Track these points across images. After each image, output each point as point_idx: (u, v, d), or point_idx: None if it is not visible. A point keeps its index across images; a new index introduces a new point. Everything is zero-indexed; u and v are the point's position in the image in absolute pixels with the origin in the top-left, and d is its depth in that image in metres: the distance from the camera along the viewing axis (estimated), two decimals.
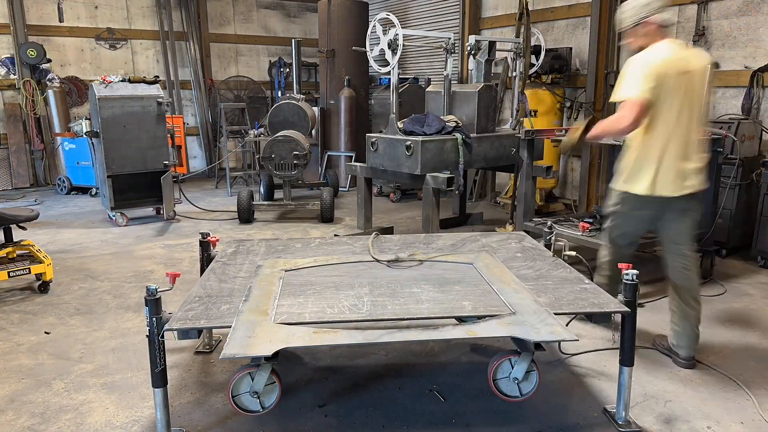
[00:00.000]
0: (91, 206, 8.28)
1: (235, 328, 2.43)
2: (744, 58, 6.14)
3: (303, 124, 7.86)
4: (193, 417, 2.93)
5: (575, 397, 3.12)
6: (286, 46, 11.58)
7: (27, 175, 9.80)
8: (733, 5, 6.19)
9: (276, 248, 3.73)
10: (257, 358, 2.38)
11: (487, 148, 5.98)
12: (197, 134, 11.35)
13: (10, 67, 9.53)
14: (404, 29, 5.51)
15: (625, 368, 2.76)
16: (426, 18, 10.28)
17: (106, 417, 2.94)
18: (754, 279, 5.09)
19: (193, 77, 11.09)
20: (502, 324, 2.47)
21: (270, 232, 6.85)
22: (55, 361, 3.56)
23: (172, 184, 7.38)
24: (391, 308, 2.66)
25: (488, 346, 3.67)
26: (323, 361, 3.53)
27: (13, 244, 4.87)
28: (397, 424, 2.85)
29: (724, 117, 5.93)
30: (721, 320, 4.17)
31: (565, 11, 7.91)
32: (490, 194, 8.90)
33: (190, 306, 2.67)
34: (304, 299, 2.79)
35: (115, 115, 6.77)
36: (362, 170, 6.12)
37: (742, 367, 3.46)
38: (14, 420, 2.93)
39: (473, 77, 6.31)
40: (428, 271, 3.23)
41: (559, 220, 5.47)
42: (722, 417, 2.93)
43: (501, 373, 2.59)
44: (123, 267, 5.46)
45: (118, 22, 10.47)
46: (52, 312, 4.37)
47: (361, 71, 9.79)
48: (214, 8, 11.40)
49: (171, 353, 3.54)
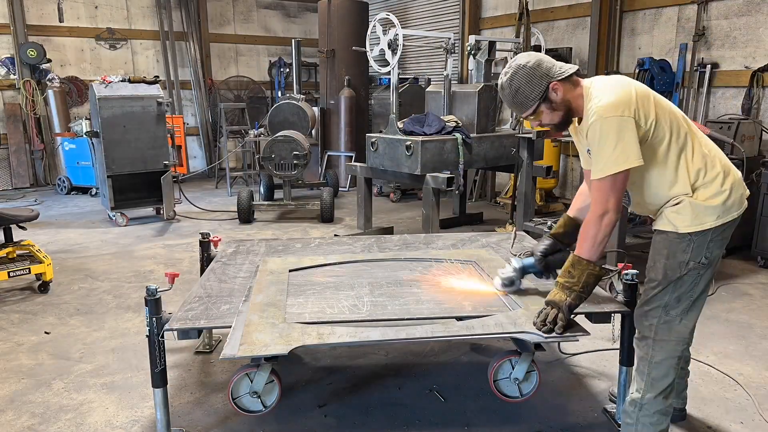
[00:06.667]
0: (91, 206, 8.27)
1: (235, 328, 2.43)
2: (744, 58, 6.15)
3: (303, 124, 7.85)
4: (193, 417, 2.93)
5: (575, 397, 3.12)
6: (286, 46, 11.59)
7: (27, 175, 9.80)
8: (733, 5, 6.19)
9: (276, 248, 3.72)
10: (257, 358, 2.37)
11: (487, 148, 5.98)
12: (197, 134, 11.35)
13: (10, 67, 9.54)
14: (404, 29, 5.52)
15: (625, 368, 2.75)
16: (426, 18, 10.28)
17: (106, 417, 2.94)
18: (754, 279, 5.09)
19: (193, 77, 11.09)
20: (503, 324, 2.47)
21: (270, 232, 6.85)
22: (55, 361, 3.56)
23: (172, 184, 7.38)
24: (391, 308, 2.66)
25: (488, 346, 3.67)
26: (323, 361, 3.53)
27: (13, 244, 4.87)
28: (397, 424, 2.85)
29: (724, 117, 5.93)
30: (721, 320, 4.17)
31: (565, 11, 7.91)
32: (490, 194, 8.90)
33: (190, 306, 2.67)
34: (305, 299, 2.79)
35: (115, 115, 6.77)
36: (362, 170, 6.12)
37: (742, 366, 3.46)
38: (14, 420, 2.93)
39: (473, 77, 6.31)
40: (428, 271, 3.23)
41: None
42: (722, 417, 2.93)
43: (501, 373, 2.59)
44: (123, 267, 5.46)
45: (118, 22, 10.47)
46: (52, 312, 4.37)
47: (361, 71, 9.79)
48: (214, 8, 11.40)
49: (171, 353, 3.53)
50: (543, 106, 2.33)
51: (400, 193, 8.82)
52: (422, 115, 5.85)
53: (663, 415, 2.36)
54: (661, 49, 6.92)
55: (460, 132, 5.66)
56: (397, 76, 5.63)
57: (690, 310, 2.30)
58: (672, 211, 2.28)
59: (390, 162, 5.68)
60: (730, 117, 5.82)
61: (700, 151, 2.28)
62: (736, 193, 2.29)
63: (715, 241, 2.26)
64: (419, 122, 5.69)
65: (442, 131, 5.62)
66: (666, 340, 2.31)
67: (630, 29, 7.25)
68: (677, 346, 2.33)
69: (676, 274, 2.27)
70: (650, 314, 2.34)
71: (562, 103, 2.31)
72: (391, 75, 5.62)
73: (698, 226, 2.23)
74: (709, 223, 2.23)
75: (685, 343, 2.33)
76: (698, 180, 2.26)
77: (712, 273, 2.32)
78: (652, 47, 7.02)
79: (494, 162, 6.15)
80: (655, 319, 2.32)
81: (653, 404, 2.34)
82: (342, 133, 9.68)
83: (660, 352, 2.32)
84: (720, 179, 2.26)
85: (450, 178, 5.20)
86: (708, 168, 2.26)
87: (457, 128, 5.72)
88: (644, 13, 7.07)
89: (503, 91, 2.37)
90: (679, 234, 2.26)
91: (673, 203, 2.28)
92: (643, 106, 2.21)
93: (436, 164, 5.44)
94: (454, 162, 5.58)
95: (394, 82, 5.66)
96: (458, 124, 5.81)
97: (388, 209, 8.19)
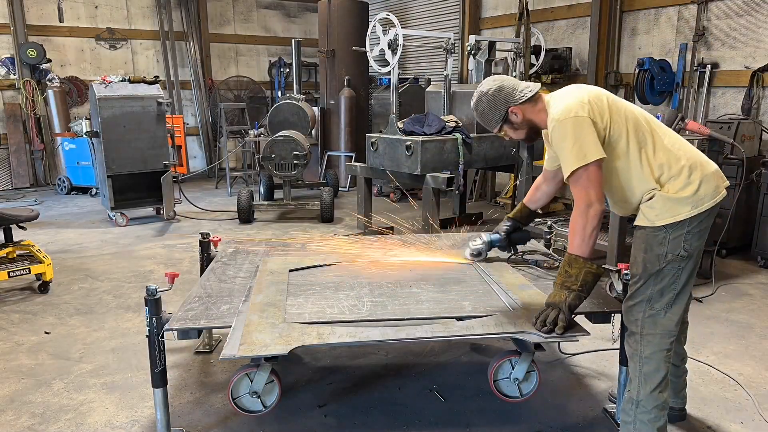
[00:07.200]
0: (91, 206, 8.28)
1: (235, 328, 2.43)
2: (744, 58, 6.15)
3: (303, 124, 7.85)
4: (193, 417, 2.93)
5: (575, 397, 3.12)
6: (286, 46, 11.58)
7: (27, 175, 9.80)
8: (733, 5, 6.19)
9: (276, 248, 3.72)
10: (257, 358, 2.37)
11: (487, 148, 5.98)
12: (197, 134, 11.35)
13: (10, 67, 9.54)
14: (404, 29, 5.51)
15: (625, 368, 2.75)
16: (426, 18, 10.28)
17: (106, 417, 2.94)
18: (754, 279, 5.10)
19: (193, 77, 11.09)
20: (503, 324, 2.47)
21: (270, 232, 6.85)
22: (55, 361, 3.56)
23: (172, 184, 7.38)
24: (391, 308, 2.66)
25: (488, 346, 3.67)
26: (323, 361, 3.53)
27: (13, 244, 4.87)
28: (397, 424, 2.85)
29: (724, 117, 5.93)
30: (721, 320, 4.17)
31: (565, 11, 7.91)
32: (490, 194, 8.90)
33: (190, 306, 2.67)
34: (305, 299, 2.79)
35: (115, 115, 6.77)
36: (362, 170, 6.12)
37: (742, 366, 3.46)
38: (14, 420, 2.93)
39: (473, 77, 6.31)
40: (428, 271, 3.23)
41: (559, 220, 5.48)
42: (722, 417, 2.93)
43: (501, 373, 2.59)
44: (123, 267, 5.46)
45: (118, 22, 10.48)
46: (52, 312, 4.37)
47: (361, 71, 9.79)
48: (214, 8, 11.40)
49: (171, 353, 3.54)
50: (505, 126, 2.58)
51: (400, 193, 8.81)
52: (422, 115, 5.84)
53: (660, 410, 2.38)
54: (661, 49, 6.92)
55: (460, 132, 5.66)
56: (397, 76, 5.63)
57: (674, 303, 2.35)
58: (646, 206, 2.35)
59: (390, 162, 5.68)
60: (730, 117, 5.82)
61: (662, 146, 2.36)
62: (706, 184, 2.33)
63: (692, 233, 2.31)
64: (419, 122, 5.69)
65: (442, 131, 5.61)
66: (652, 333, 2.36)
67: (630, 29, 7.25)
68: (664, 339, 2.36)
69: (655, 267, 2.32)
70: (635, 309, 2.39)
71: (522, 122, 2.54)
72: (391, 75, 5.62)
73: (672, 218, 2.29)
74: (683, 214, 2.29)
75: (672, 336, 2.37)
76: (663, 174, 2.34)
77: (695, 265, 2.37)
78: (652, 47, 7.02)
79: (494, 162, 6.15)
80: (640, 314, 2.37)
81: (649, 400, 2.36)
82: (342, 133, 9.68)
83: (648, 346, 2.36)
84: (686, 172, 2.32)
85: (450, 178, 5.20)
86: (672, 162, 2.34)
87: (457, 128, 5.72)
88: (644, 13, 7.07)
89: (473, 111, 2.65)
90: (654, 227, 2.32)
91: (647, 198, 2.36)
92: (597, 105, 2.34)
93: (436, 164, 5.44)
94: (454, 162, 5.58)
95: (394, 82, 5.65)
96: (458, 124, 5.81)
97: (388, 209, 8.17)
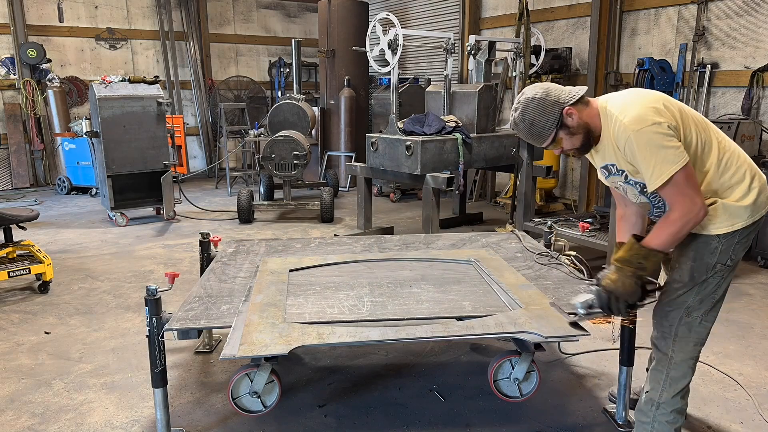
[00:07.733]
0: (91, 206, 8.27)
1: (235, 328, 2.43)
2: (744, 58, 6.15)
3: (303, 124, 7.86)
4: (193, 417, 2.93)
5: (575, 397, 3.12)
6: (286, 46, 11.59)
7: (27, 175, 9.80)
8: (733, 5, 6.19)
9: (276, 248, 3.73)
10: (257, 358, 2.37)
11: (487, 148, 5.98)
12: (197, 134, 11.35)
13: (10, 67, 9.54)
14: (404, 29, 5.51)
15: (625, 368, 2.76)
16: (426, 18, 10.28)
17: (106, 417, 2.94)
18: (754, 279, 5.10)
19: (193, 77, 11.09)
20: (503, 324, 2.47)
21: (270, 232, 6.85)
22: (55, 361, 3.56)
23: (172, 184, 7.38)
24: (391, 308, 2.66)
25: (488, 346, 3.67)
26: (323, 361, 3.53)
27: (13, 244, 4.87)
28: (397, 424, 2.85)
29: (724, 117, 5.93)
30: (721, 320, 4.17)
31: (565, 11, 7.91)
32: (490, 194, 8.90)
33: (190, 306, 2.67)
34: (305, 299, 2.79)
35: (115, 115, 6.77)
36: (362, 170, 6.12)
37: (742, 366, 3.46)
38: (14, 420, 2.93)
39: (473, 77, 6.31)
40: (428, 271, 3.23)
41: (559, 220, 5.47)
42: (722, 417, 2.93)
43: (501, 373, 2.60)
44: (123, 267, 5.46)
45: (118, 22, 10.47)
46: (52, 312, 4.37)
47: (361, 71, 9.79)
48: (214, 8, 11.40)
49: (171, 353, 3.54)
50: (561, 132, 2.30)
51: (400, 193, 8.82)
52: (422, 115, 5.85)
53: (679, 413, 2.39)
54: (661, 49, 6.92)
55: (460, 132, 5.66)
56: (397, 76, 5.63)
57: (710, 312, 2.31)
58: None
59: (390, 162, 5.68)
60: (730, 117, 5.82)
61: (726, 152, 2.25)
62: (764, 192, 2.26)
63: (741, 243, 2.26)
64: (419, 122, 5.70)
65: (442, 131, 5.62)
66: (686, 339, 2.32)
67: (630, 29, 7.25)
68: (696, 347, 2.34)
69: (703, 276, 2.26)
70: (671, 315, 2.34)
71: (579, 125, 2.28)
72: (391, 75, 5.62)
73: (729, 227, 2.22)
74: (740, 223, 2.22)
75: (703, 344, 2.35)
76: (726, 181, 2.23)
77: (732, 275, 2.31)
78: (652, 47, 7.02)
79: (494, 162, 6.15)
80: (676, 320, 2.32)
81: (670, 403, 2.36)
82: (342, 133, 9.68)
83: (679, 353, 2.33)
84: (748, 179, 2.23)
85: (450, 178, 5.20)
86: (735, 169, 2.24)
87: (457, 128, 5.72)
88: (644, 13, 7.07)
89: (517, 126, 2.34)
90: (709, 235, 2.24)
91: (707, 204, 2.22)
92: (670, 111, 2.18)
93: (436, 164, 5.44)
94: (454, 162, 5.59)
95: (394, 82, 5.66)
96: (458, 124, 5.81)
97: (388, 209, 8.19)
